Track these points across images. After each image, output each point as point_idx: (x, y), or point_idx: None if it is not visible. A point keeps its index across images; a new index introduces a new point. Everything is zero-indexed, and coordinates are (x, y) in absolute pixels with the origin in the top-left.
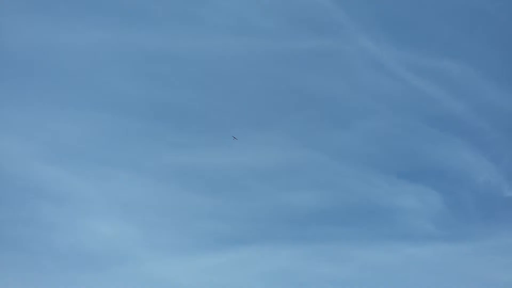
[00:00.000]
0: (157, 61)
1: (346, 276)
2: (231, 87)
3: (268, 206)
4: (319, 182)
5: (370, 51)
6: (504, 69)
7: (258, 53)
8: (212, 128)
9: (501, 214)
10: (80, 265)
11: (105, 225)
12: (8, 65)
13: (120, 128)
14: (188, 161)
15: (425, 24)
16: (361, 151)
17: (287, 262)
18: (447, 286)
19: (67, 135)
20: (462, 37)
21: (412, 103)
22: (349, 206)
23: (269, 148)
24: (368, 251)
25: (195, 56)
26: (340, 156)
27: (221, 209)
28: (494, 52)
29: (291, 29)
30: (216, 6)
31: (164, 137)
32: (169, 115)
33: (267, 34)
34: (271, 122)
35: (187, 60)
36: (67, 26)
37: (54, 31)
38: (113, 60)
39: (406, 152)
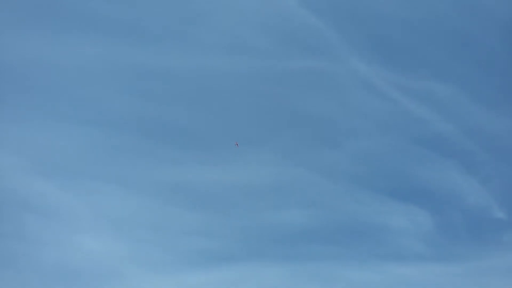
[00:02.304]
0: (149, 77)
1: None
2: (222, 104)
3: (257, 224)
4: (309, 200)
5: (361, 72)
6: (492, 93)
7: (250, 72)
8: (203, 145)
9: (490, 236)
10: (66, 282)
11: (93, 241)
12: None
13: (110, 144)
14: (177, 178)
15: (416, 47)
16: (351, 170)
17: (274, 281)
18: None
19: (56, 149)
20: (451, 60)
21: (403, 124)
22: (338, 225)
23: (259, 166)
24: (357, 271)
25: (187, 73)
26: (330, 175)
27: (210, 226)
28: (482, 75)
29: (284, 49)
30: (209, 25)
31: (154, 153)
32: (160, 131)
33: (260, 53)
34: (261, 140)
35: (179, 77)
36: (59, 40)
37: (45, 45)
38: (105, 75)
39: (396, 172)
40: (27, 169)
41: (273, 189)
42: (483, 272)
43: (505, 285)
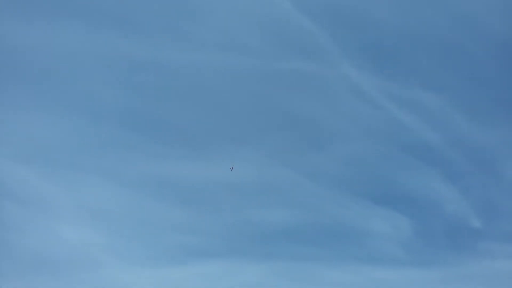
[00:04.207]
0: (140, 70)
1: None
2: (212, 102)
3: (239, 221)
4: (292, 201)
5: (352, 77)
6: (479, 105)
7: (241, 70)
8: (189, 142)
9: (467, 244)
10: (44, 270)
11: (73, 231)
12: None
13: (95, 135)
14: (162, 173)
15: (407, 55)
16: (336, 173)
17: (253, 278)
18: None
19: (39, 138)
20: (442, 71)
21: (389, 131)
22: (320, 226)
23: (245, 164)
24: (336, 272)
25: (178, 69)
26: (314, 177)
27: (192, 222)
28: (471, 88)
29: (277, 50)
30: (204, 21)
31: (140, 147)
32: (147, 125)
33: (253, 52)
34: (248, 139)
35: (171, 72)
36: (51, 30)
37: (36, 34)
38: (94, 67)
39: (379, 178)
40: (8, 156)
41: (258, 188)
42: (458, 279)
43: None
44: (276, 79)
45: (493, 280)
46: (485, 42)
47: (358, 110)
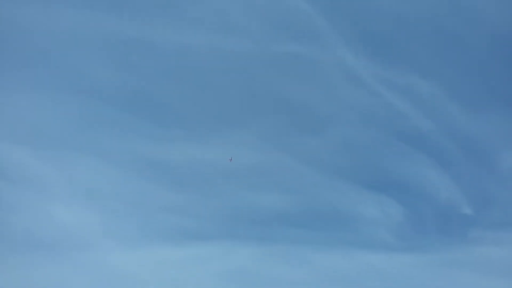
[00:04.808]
0: (135, 50)
1: (302, 279)
2: (208, 83)
3: (234, 204)
4: (286, 185)
5: (348, 62)
6: (474, 95)
7: (237, 53)
8: (184, 123)
9: (457, 230)
10: (35, 250)
11: (66, 211)
12: None
13: (89, 115)
14: (157, 154)
15: (405, 43)
16: (330, 158)
17: (246, 261)
18: None
19: (34, 118)
20: (438, 59)
21: (384, 117)
22: (313, 211)
23: (240, 148)
24: (327, 256)
25: (174, 49)
26: (308, 162)
27: (186, 204)
28: (467, 77)
29: (273, 32)
30: (200, 2)
31: (135, 128)
32: (143, 106)
33: (248, 34)
34: (244, 123)
35: (167, 53)
36: (44, 9)
37: (29, 14)
38: (89, 46)
39: (373, 163)
40: (1, 136)
41: (253, 171)
42: (447, 264)
43: (467, 277)
44: (272, 62)
45: (482, 267)
46: (483, 33)
47: (354, 96)
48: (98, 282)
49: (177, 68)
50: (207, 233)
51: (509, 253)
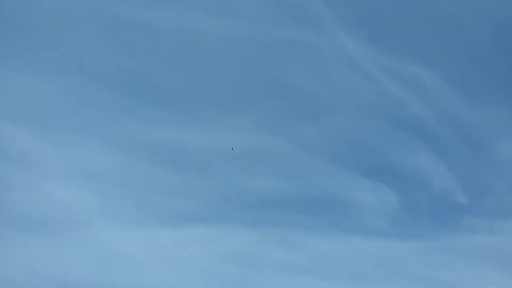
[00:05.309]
0: (135, 32)
1: (296, 262)
2: (206, 67)
3: (230, 188)
4: (283, 170)
5: (348, 49)
6: (474, 85)
7: (236, 36)
8: (182, 106)
9: (451, 218)
10: (33, 228)
11: (63, 191)
12: None
13: (88, 96)
14: (154, 136)
15: (405, 30)
16: (327, 144)
17: (241, 244)
18: (391, 280)
19: (31, 97)
20: (438, 48)
21: (382, 105)
22: (308, 195)
23: (237, 132)
24: (322, 240)
25: (173, 32)
26: (305, 147)
27: (182, 186)
28: (468, 67)
29: (273, 17)
30: None
31: (133, 110)
32: (141, 88)
33: (248, 18)
34: (242, 107)
35: (165, 35)
36: None
37: None
38: (89, 26)
39: (369, 150)
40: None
41: (249, 156)
42: (440, 252)
43: (460, 264)
44: (272, 48)
45: (474, 254)
46: (485, 22)
47: (353, 82)
48: (93, 261)
49: (175, 51)
50: (203, 216)
51: (502, 241)
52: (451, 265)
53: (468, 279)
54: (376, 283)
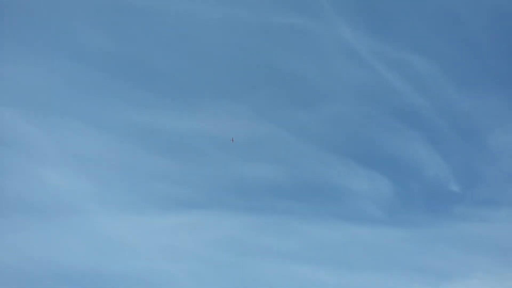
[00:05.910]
0: (129, 15)
1: (289, 249)
2: (202, 52)
3: (224, 174)
4: (277, 156)
5: (345, 36)
6: (470, 74)
7: (233, 22)
8: (177, 91)
9: (444, 207)
10: (26, 213)
11: (56, 176)
12: None
13: (82, 79)
14: (149, 121)
15: (403, 19)
16: (322, 132)
17: (235, 230)
18: (383, 267)
19: (26, 81)
20: (435, 37)
21: (378, 93)
22: (303, 182)
23: (232, 118)
24: (315, 227)
25: (168, 16)
26: (301, 135)
27: (177, 172)
28: (464, 56)
29: (269, 2)
30: None
31: (128, 95)
32: (136, 73)
33: (244, 3)
34: (237, 93)
35: (161, 20)
36: None
37: None
38: (84, 9)
39: (364, 138)
40: None
41: (244, 142)
42: (433, 240)
43: (452, 253)
44: (268, 33)
45: (467, 243)
46: (482, 11)
47: (349, 70)
48: (88, 246)
49: (170, 36)
50: (198, 202)
51: (494, 230)
52: (443, 253)
53: (460, 267)
54: (369, 270)
